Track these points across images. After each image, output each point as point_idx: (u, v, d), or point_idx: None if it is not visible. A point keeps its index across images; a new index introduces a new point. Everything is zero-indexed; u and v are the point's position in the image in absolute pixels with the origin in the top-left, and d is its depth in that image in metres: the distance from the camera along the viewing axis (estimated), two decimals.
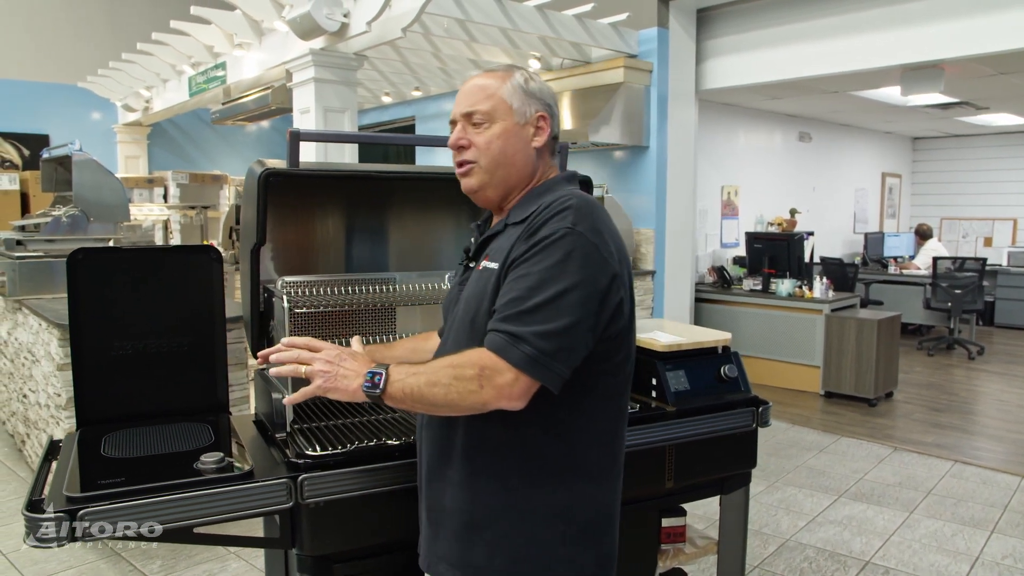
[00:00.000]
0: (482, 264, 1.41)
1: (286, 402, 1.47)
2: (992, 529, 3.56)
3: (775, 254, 6.64)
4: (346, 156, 4.90)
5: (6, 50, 8.19)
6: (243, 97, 6.40)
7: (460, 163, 1.45)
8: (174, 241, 7.12)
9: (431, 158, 7.83)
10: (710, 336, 2.24)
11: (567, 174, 1.50)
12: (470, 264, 1.49)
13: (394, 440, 1.71)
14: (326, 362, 1.34)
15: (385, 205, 2.31)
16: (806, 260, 6.69)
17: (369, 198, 2.29)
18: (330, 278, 2.03)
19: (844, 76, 5.67)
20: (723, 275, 6.85)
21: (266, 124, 9.74)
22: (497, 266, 1.35)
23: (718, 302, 6.75)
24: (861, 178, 10.11)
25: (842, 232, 9.84)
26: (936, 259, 8.02)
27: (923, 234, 9.24)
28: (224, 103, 6.81)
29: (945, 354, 7.86)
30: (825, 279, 6.37)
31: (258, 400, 2.08)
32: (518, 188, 1.44)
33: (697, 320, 6.61)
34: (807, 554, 3.29)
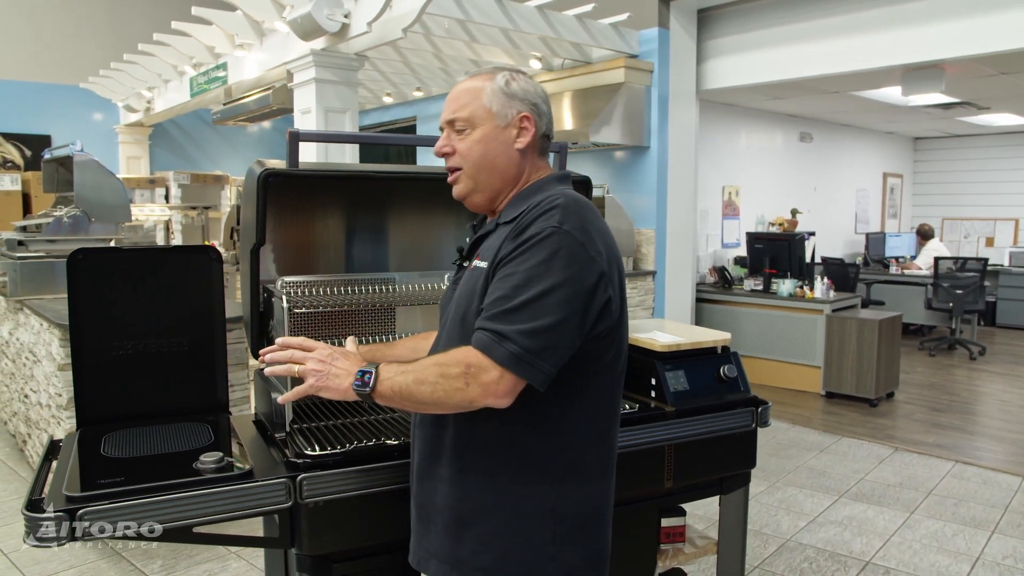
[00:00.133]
0: (473, 263, 1.43)
1: (280, 401, 1.48)
2: (993, 529, 3.56)
3: (776, 254, 6.64)
4: (347, 156, 4.91)
5: (8, 51, 8.21)
6: (244, 98, 6.42)
7: (448, 170, 1.48)
8: (175, 241, 7.12)
9: (432, 158, 7.81)
10: (709, 336, 2.24)
11: (559, 174, 1.50)
12: (464, 263, 1.50)
13: (393, 440, 1.71)
14: (318, 361, 1.35)
15: (385, 205, 2.31)
16: (807, 260, 6.68)
17: (369, 198, 2.29)
18: (330, 278, 2.03)
19: (845, 76, 5.67)
20: (724, 275, 6.85)
21: (267, 124, 9.76)
22: (486, 265, 1.36)
23: (719, 302, 6.75)
24: (862, 178, 10.10)
25: (843, 232, 9.83)
26: (937, 259, 8.01)
27: (924, 234, 9.23)
28: (225, 103, 6.82)
29: (946, 354, 7.85)
30: (826, 279, 6.36)
31: (258, 400, 2.08)
32: (505, 190, 1.45)
33: (698, 320, 6.61)
34: (807, 554, 3.29)
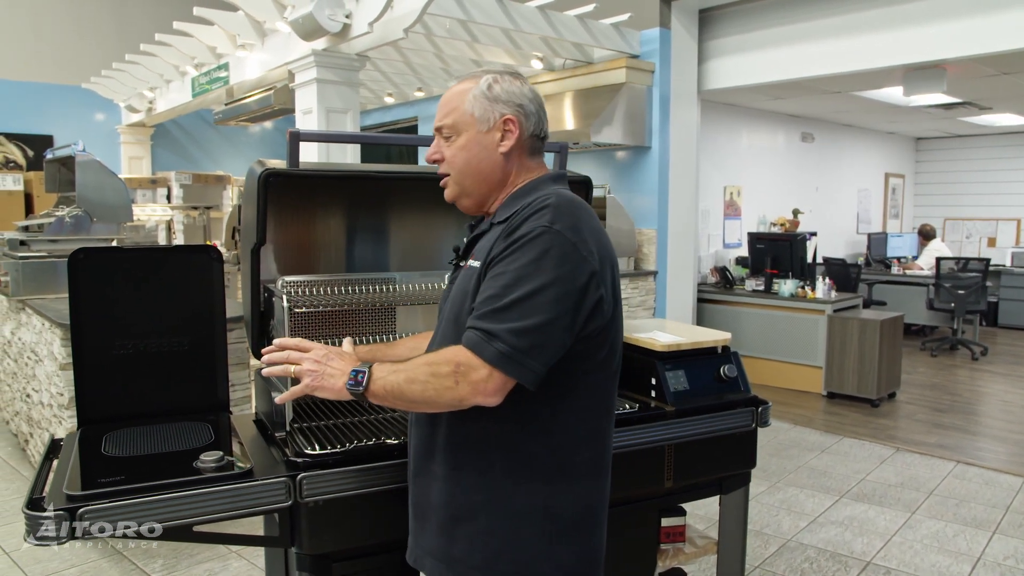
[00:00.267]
0: (468, 263, 1.43)
1: (278, 401, 1.49)
2: (994, 530, 3.55)
3: (778, 254, 6.63)
4: (348, 156, 4.91)
5: (11, 51, 8.22)
6: (246, 98, 6.43)
7: (440, 175, 1.49)
8: (177, 241, 7.13)
9: None
10: (709, 336, 2.24)
11: (555, 173, 1.50)
12: (459, 263, 1.51)
13: (393, 439, 1.71)
14: (314, 361, 1.37)
15: (385, 205, 2.31)
16: (809, 260, 6.67)
17: (370, 198, 2.29)
18: (330, 278, 2.03)
19: (846, 76, 5.67)
20: (725, 275, 6.85)
21: (269, 125, 9.77)
22: (479, 265, 1.37)
23: (720, 302, 6.74)
24: (864, 178, 10.09)
25: (845, 232, 9.82)
26: (939, 259, 8.00)
27: (926, 234, 9.22)
28: (227, 104, 6.83)
29: (948, 355, 7.84)
30: (828, 279, 6.35)
31: (258, 399, 2.09)
32: (493, 194, 1.46)
33: (700, 320, 6.60)
34: (808, 554, 3.29)
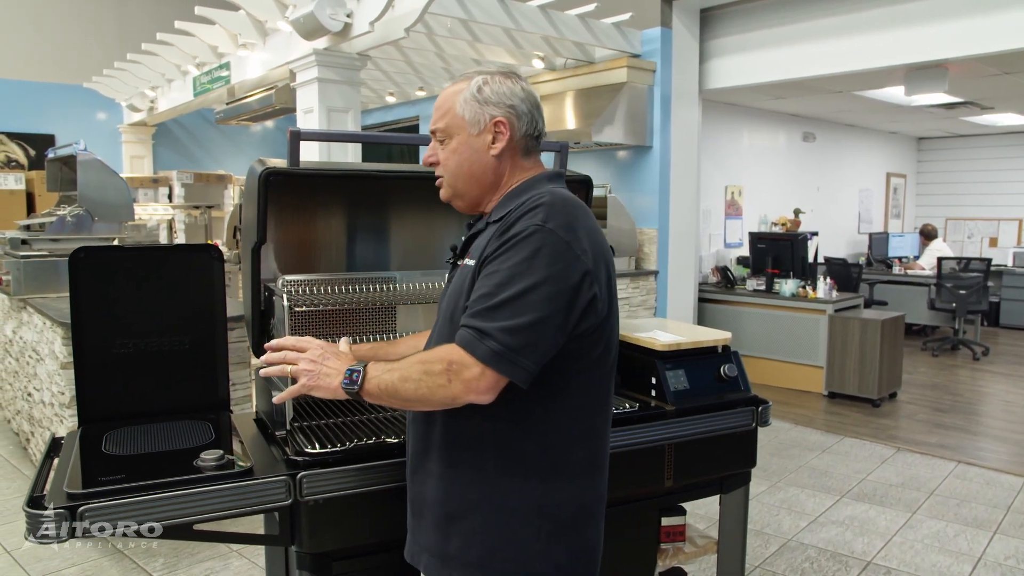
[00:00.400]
0: (464, 262, 1.44)
1: (275, 401, 1.50)
2: (995, 530, 3.55)
3: (779, 254, 6.63)
4: (349, 156, 4.91)
5: (12, 51, 8.23)
6: (247, 97, 6.43)
7: (436, 176, 1.50)
8: (178, 241, 7.14)
9: None
10: (710, 335, 2.24)
11: (551, 172, 1.50)
12: (457, 262, 1.51)
13: (393, 438, 1.72)
14: (310, 361, 1.39)
15: (386, 204, 2.31)
16: (810, 260, 6.67)
17: (370, 197, 2.29)
18: (331, 277, 2.04)
19: (848, 76, 5.66)
20: (727, 275, 6.84)
21: (270, 124, 9.77)
22: (474, 263, 1.37)
23: (722, 302, 6.74)
24: (865, 178, 10.08)
25: (846, 232, 9.81)
26: (941, 259, 7.99)
27: (928, 234, 9.20)
28: (228, 103, 6.83)
29: (950, 355, 7.83)
30: (829, 279, 6.35)
31: (259, 398, 2.09)
32: (486, 195, 1.46)
33: (701, 320, 6.60)
34: (809, 554, 3.29)
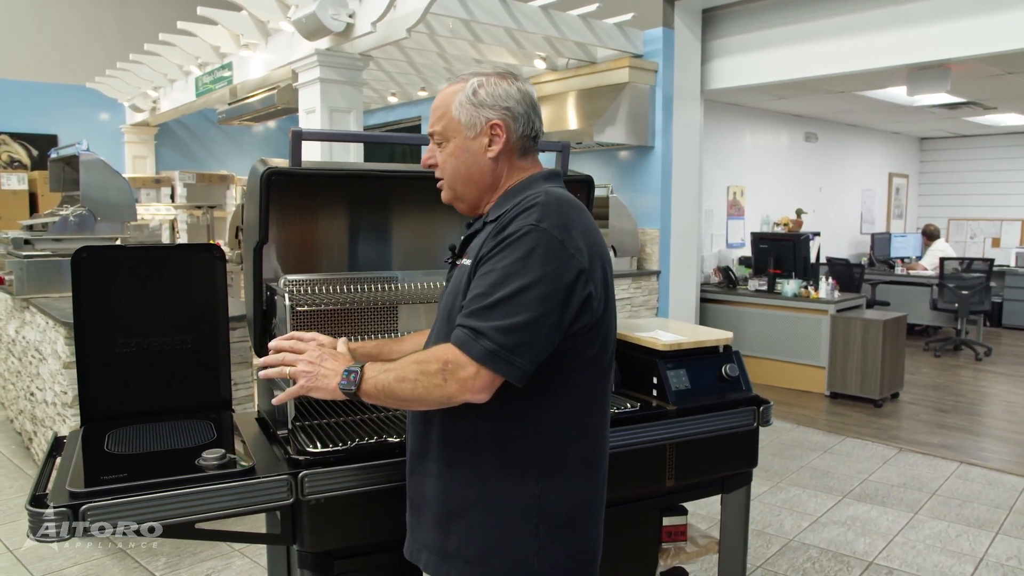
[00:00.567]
0: (461, 261, 1.45)
1: (274, 402, 1.50)
2: (997, 530, 3.54)
3: (781, 254, 6.62)
4: (351, 156, 4.92)
5: (15, 51, 8.25)
6: (249, 97, 6.44)
7: (436, 178, 1.51)
8: (181, 240, 7.15)
9: None
10: (711, 335, 2.24)
11: (548, 171, 1.50)
12: (455, 261, 1.52)
13: (394, 438, 1.72)
14: (308, 363, 1.39)
15: (388, 204, 2.32)
16: (812, 260, 6.66)
17: (372, 197, 2.30)
18: (333, 277, 2.04)
19: (850, 76, 5.66)
20: (728, 275, 6.84)
21: (272, 124, 9.79)
22: (470, 263, 1.38)
23: (723, 302, 6.74)
24: (868, 178, 10.07)
25: (848, 232, 9.80)
26: (943, 260, 7.98)
27: (930, 235, 9.20)
28: (230, 103, 6.85)
29: (952, 355, 7.82)
30: (831, 280, 6.34)
31: (261, 398, 2.09)
32: (485, 196, 1.47)
33: (703, 320, 6.59)
34: (810, 554, 3.29)
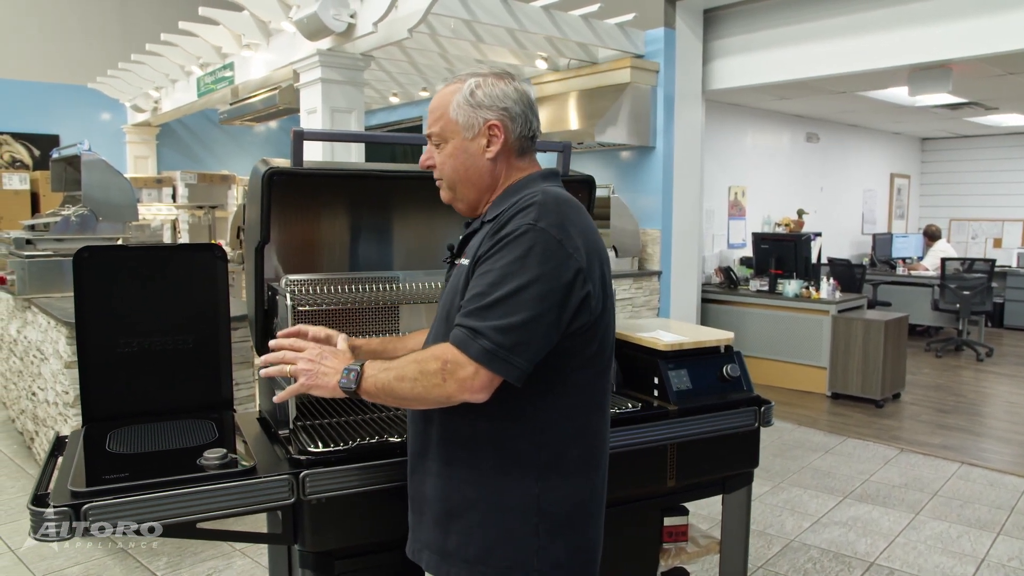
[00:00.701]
0: (460, 261, 1.45)
1: (275, 400, 1.50)
2: (998, 531, 3.54)
3: (782, 255, 6.62)
4: (352, 156, 4.92)
5: (17, 52, 8.26)
6: (251, 97, 6.44)
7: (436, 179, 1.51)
8: (182, 240, 7.16)
9: None
10: (712, 335, 2.24)
11: (546, 171, 1.49)
12: (454, 261, 1.52)
13: (395, 437, 1.72)
14: (308, 361, 1.40)
15: (389, 204, 2.32)
16: (813, 261, 6.66)
17: (373, 197, 2.30)
18: (334, 276, 2.04)
19: (851, 76, 5.65)
20: (730, 276, 6.84)
21: (274, 124, 9.79)
22: (468, 263, 1.38)
23: (725, 303, 6.73)
24: (869, 179, 10.06)
25: (850, 233, 9.79)
26: (945, 260, 7.97)
27: (932, 235, 9.19)
28: (232, 103, 6.85)
29: (953, 355, 7.81)
30: (832, 280, 6.34)
31: (262, 397, 2.09)
32: (483, 197, 1.47)
33: (704, 321, 6.59)
34: (811, 555, 3.29)
